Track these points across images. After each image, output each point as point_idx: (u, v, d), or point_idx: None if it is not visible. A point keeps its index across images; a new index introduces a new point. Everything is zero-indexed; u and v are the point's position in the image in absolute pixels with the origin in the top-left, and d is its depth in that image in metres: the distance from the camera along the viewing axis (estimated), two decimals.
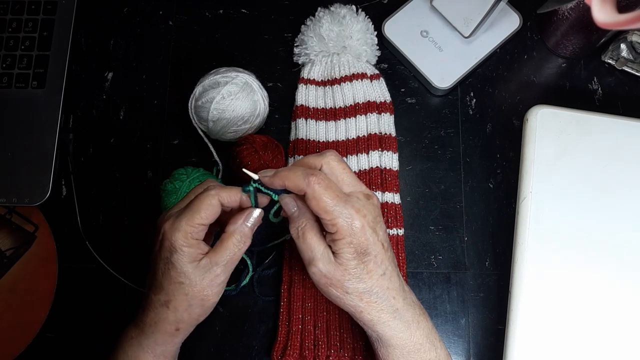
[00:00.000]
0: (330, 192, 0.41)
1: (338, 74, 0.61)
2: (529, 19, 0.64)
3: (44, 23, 0.62)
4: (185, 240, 0.42)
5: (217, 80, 0.56)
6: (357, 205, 0.42)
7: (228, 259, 0.43)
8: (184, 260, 0.42)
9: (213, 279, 0.43)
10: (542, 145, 0.56)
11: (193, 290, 0.42)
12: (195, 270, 0.42)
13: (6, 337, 0.56)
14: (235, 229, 0.43)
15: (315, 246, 0.43)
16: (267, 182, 0.44)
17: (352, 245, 0.41)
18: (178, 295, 0.43)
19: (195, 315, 0.44)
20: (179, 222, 0.42)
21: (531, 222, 0.55)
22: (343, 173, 0.44)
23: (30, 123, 0.60)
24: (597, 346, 0.53)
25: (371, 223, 0.42)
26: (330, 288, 0.43)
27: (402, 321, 0.44)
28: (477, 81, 0.63)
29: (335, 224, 0.41)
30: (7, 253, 0.58)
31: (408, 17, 0.62)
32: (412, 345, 0.44)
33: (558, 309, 0.53)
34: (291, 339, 0.54)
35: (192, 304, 0.43)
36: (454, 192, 0.60)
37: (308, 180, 0.41)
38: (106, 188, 0.61)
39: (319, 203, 0.41)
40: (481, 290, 0.58)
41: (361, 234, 0.41)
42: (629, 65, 0.61)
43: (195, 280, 0.42)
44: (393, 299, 0.43)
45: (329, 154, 0.44)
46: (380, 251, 0.43)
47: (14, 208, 0.59)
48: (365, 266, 0.42)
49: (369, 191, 0.44)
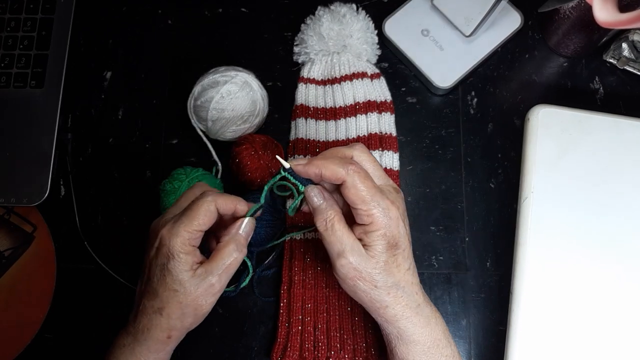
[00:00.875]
0: (368, 182, 0.41)
1: (338, 73, 0.61)
2: (530, 18, 0.63)
3: (42, 22, 0.62)
4: (184, 246, 0.42)
5: (216, 79, 0.55)
6: (391, 198, 0.42)
7: (224, 268, 0.42)
8: (180, 267, 0.42)
9: (207, 289, 0.42)
10: (543, 144, 0.56)
11: (187, 299, 0.42)
12: (191, 279, 0.42)
13: (5, 338, 0.56)
14: (230, 238, 0.43)
15: (345, 238, 0.42)
16: (301, 171, 0.43)
17: (386, 238, 0.41)
18: (172, 303, 0.42)
19: (188, 323, 0.43)
20: (177, 227, 0.42)
21: (532, 222, 0.54)
22: (372, 166, 0.44)
23: (29, 123, 0.59)
24: (598, 347, 0.52)
25: (402, 216, 0.43)
26: (358, 281, 0.42)
27: (423, 316, 0.44)
28: (478, 80, 0.63)
29: (372, 215, 0.41)
30: (5, 253, 0.58)
31: (409, 16, 0.62)
32: (432, 341, 0.44)
33: (560, 309, 0.53)
34: (291, 340, 0.54)
35: (186, 312, 0.42)
36: (454, 192, 0.60)
37: (347, 168, 0.41)
38: (105, 188, 0.60)
39: (358, 192, 0.41)
40: (482, 290, 0.57)
41: (395, 226, 0.42)
42: (631, 64, 0.61)
43: (190, 289, 0.42)
44: (416, 294, 0.44)
45: (358, 146, 0.45)
46: (407, 245, 0.44)
47: (12, 208, 0.59)
48: (395, 259, 0.42)
49: (396, 185, 0.45)
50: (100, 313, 0.57)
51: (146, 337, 0.43)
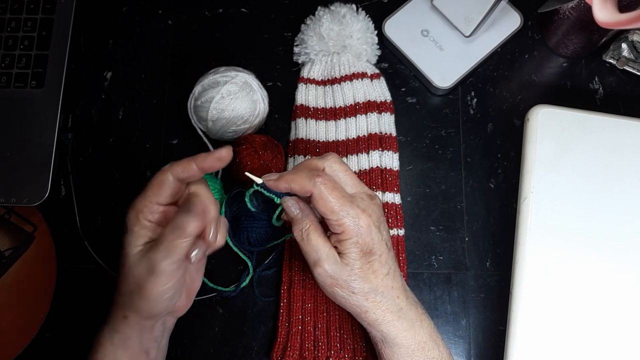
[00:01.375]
0: (336, 193, 0.41)
1: (338, 74, 0.61)
2: (530, 18, 0.63)
3: (43, 22, 0.62)
4: (136, 219, 0.42)
5: (216, 79, 0.55)
6: (362, 206, 0.42)
7: (163, 246, 0.40)
8: (130, 240, 0.42)
9: (149, 268, 0.40)
10: (543, 145, 0.56)
11: (130, 275, 0.41)
12: (135, 254, 0.41)
13: (5, 338, 0.56)
14: (174, 219, 0.41)
15: (321, 247, 0.42)
16: (272, 186, 0.44)
17: (358, 245, 0.42)
18: (120, 278, 0.42)
19: (137, 305, 0.41)
20: (134, 201, 0.42)
21: (532, 222, 0.54)
22: (345, 175, 0.44)
23: (29, 123, 0.59)
24: (598, 347, 0.52)
25: (376, 222, 0.43)
26: (335, 288, 0.43)
27: (406, 320, 0.44)
28: (478, 81, 0.63)
29: (342, 224, 0.41)
30: (5, 253, 0.58)
31: (408, 16, 0.62)
32: (416, 344, 0.44)
33: (559, 309, 0.53)
34: (291, 339, 0.54)
35: (131, 289, 0.41)
36: (454, 192, 0.60)
37: (314, 181, 0.41)
38: (105, 188, 0.60)
39: (326, 203, 0.41)
40: (482, 290, 0.57)
41: (367, 233, 0.42)
42: (630, 64, 0.61)
43: (133, 263, 0.41)
44: (397, 298, 0.44)
45: (330, 156, 0.44)
46: (384, 251, 0.43)
47: (12, 208, 0.59)
48: (371, 266, 0.42)
49: (371, 192, 0.45)
50: (101, 313, 0.57)
51: (110, 315, 0.44)
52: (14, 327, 0.56)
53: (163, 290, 0.41)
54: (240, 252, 0.56)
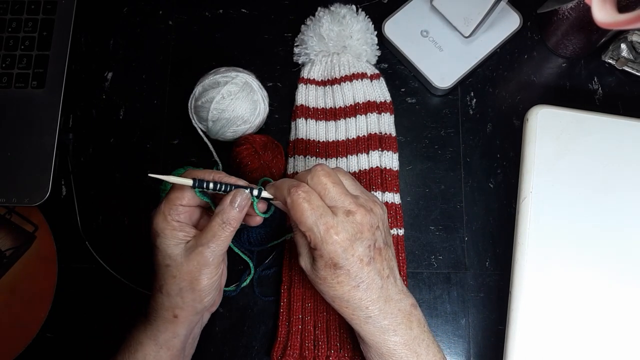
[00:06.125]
0: (307, 204, 0.42)
1: (338, 74, 0.61)
2: (529, 18, 0.64)
3: (43, 23, 0.62)
4: (165, 222, 0.44)
5: (217, 80, 0.56)
6: (331, 222, 0.41)
7: (211, 239, 0.43)
8: (167, 242, 0.44)
9: (200, 261, 0.43)
10: (542, 145, 0.56)
11: (180, 272, 0.44)
12: (181, 252, 0.44)
13: (6, 337, 0.56)
14: (219, 211, 0.44)
15: (302, 244, 0.45)
16: (268, 191, 0.47)
17: (323, 258, 0.42)
18: (168, 279, 0.44)
19: (189, 300, 0.45)
20: (159, 206, 0.45)
21: (531, 222, 0.55)
22: (328, 187, 0.43)
23: (30, 123, 0.60)
24: (597, 346, 0.52)
25: (345, 241, 0.41)
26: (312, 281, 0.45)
27: (376, 327, 0.44)
28: (478, 81, 0.63)
29: (309, 236, 0.42)
30: (6, 253, 0.58)
31: (408, 17, 0.62)
32: (386, 349, 0.44)
33: (559, 309, 0.53)
34: (291, 339, 0.54)
35: (182, 287, 0.44)
36: (454, 192, 0.60)
37: (289, 191, 0.42)
38: (106, 188, 0.61)
39: (296, 214, 0.42)
40: (481, 290, 0.58)
41: (332, 250, 0.41)
42: (629, 65, 0.61)
43: (181, 261, 0.44)
44: (367, 308, 0.43)
45: (318, 167, 0.44)
46: (355, 266, 0.42)
47: (13, 208, 0.59)
48: (337, 277, 0.42)
49: (353, 207, 0.43)
50: (102, 313, 0.57)
51: (155, 317, 0.46)
52: (15, 326, 0.57)
53: (213, 281, 0.45)
54: (241, 252, 0.56)
